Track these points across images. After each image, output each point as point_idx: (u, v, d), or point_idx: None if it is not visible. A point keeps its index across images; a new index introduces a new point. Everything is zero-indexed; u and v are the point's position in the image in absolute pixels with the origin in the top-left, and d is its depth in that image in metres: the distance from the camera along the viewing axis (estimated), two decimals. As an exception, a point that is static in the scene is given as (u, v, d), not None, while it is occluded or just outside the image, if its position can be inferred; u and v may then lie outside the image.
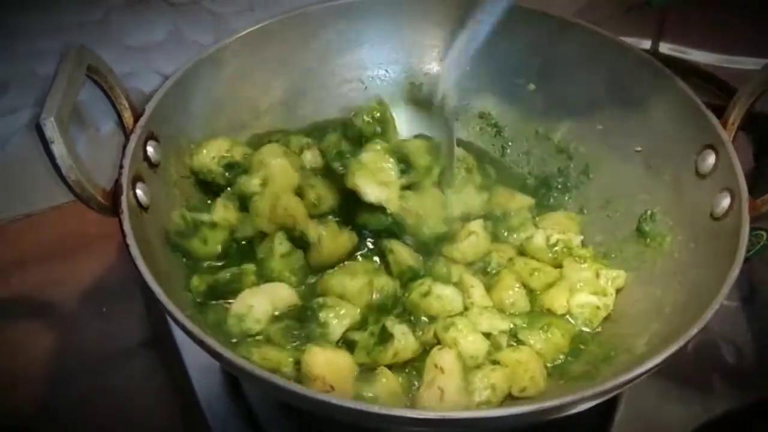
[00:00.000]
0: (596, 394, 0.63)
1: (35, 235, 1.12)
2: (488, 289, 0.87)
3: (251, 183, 0.88)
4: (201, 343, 0.65)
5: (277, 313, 0.82)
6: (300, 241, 0.86)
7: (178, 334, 0.92)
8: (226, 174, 0.90)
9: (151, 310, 1.04)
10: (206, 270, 0.85)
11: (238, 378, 0.89)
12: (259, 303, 0.81)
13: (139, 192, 0.77)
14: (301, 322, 0.81)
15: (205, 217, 0.85)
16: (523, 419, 0.63)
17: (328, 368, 0.73)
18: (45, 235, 1.12)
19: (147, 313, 1.05)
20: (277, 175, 0.88)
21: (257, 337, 0.80)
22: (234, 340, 0.80)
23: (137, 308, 1.05)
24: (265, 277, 0.85)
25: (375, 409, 0.59)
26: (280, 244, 0.85)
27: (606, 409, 0.89)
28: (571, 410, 0.64)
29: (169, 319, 0.68)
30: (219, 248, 0.86)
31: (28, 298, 1.06)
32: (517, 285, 0.87)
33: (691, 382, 0.92)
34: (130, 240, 0.70)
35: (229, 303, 0.82)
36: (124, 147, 0.78)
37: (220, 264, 0.86)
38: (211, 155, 0.90)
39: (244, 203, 0.88)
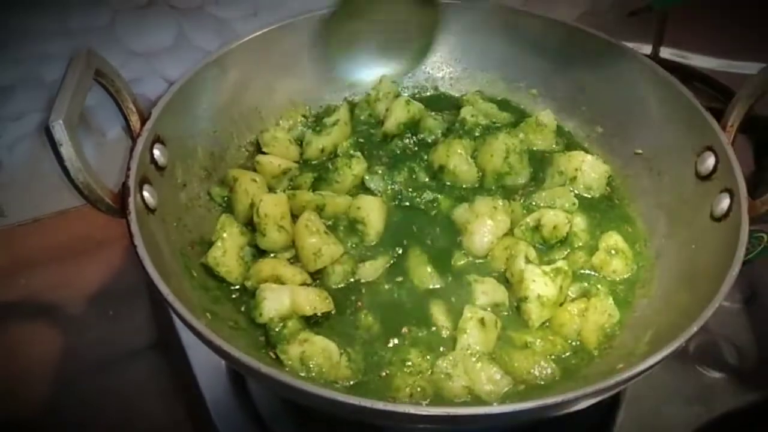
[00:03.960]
0: (598, 390, 0.64)
1: (42, 238, 1.13)
2: None
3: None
4: (209, 343, 0.65)
5: None
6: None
7: (184, 335, 0.93)
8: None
9: (157, 312, 1.05)
10: None
11: (244, 378, 0.90)
12: None
13: (146, 194, 0.78)
14: None
15: None
16: (525, 416, 0.64)
17: None
18: (52, 239, 1.13)
19: (153, 315, 1.05)
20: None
21: None
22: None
23: (143, 311, 1.06)
24: None
25: (379, 405, 0.59)
26: None
27: (608, 410, 0.90)
28: (572, 407, 0.65)
29: (175, 319, 0.69)
30: None
31: (35, 301, 1.07)
32: None
33: (693, 383, 0.92)
34: (138, 241, 0.71)
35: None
36: (132, 150, 0.79)
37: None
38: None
39: None
